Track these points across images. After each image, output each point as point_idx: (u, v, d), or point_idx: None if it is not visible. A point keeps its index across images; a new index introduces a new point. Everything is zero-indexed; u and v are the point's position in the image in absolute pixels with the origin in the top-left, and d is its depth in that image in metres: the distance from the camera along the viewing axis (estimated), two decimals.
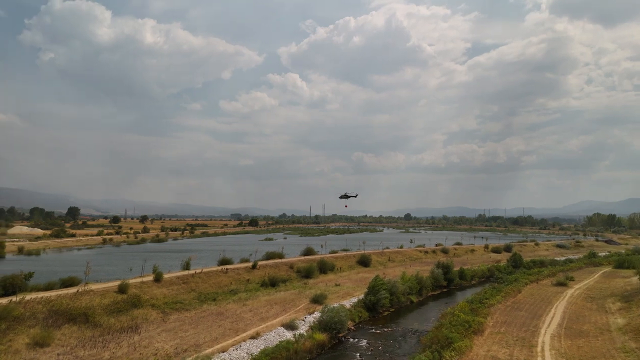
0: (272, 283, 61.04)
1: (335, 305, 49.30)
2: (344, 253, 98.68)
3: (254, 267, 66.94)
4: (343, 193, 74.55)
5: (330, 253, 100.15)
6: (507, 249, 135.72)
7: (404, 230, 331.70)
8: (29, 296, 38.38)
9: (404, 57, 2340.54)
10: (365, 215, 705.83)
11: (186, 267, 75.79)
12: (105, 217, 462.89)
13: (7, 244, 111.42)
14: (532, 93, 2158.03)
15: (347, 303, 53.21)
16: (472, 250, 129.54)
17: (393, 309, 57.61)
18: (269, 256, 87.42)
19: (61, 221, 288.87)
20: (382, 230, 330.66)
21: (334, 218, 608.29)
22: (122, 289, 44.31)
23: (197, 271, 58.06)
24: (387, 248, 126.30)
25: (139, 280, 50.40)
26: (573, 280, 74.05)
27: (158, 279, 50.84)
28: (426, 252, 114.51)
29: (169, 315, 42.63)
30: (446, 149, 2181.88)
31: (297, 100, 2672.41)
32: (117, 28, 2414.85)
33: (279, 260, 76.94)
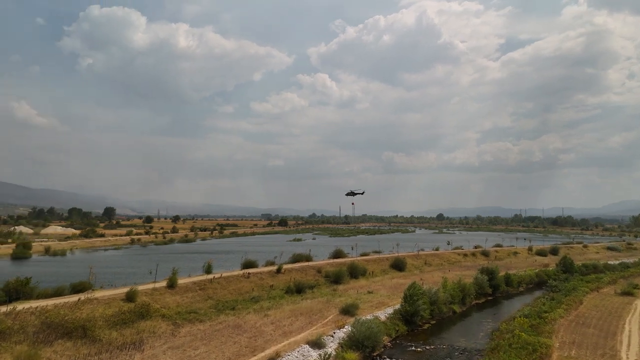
0: (298, 289, 55.48)
1: (368, 317, 43.23)
2: (376, 256, 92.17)
3: (278, 271, 61.68)
4: (350, 190, 70.51)
5: (361, 256, 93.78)
6: (553, 251, 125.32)
7: (437, 231, 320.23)
8: (22, 305, 34.32)
9: (435, 55, 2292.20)
10: (396, 216, 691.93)
11: (207, 270, 71.68)
12: (140, 217, 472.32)
13: (35, 244, 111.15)
14: (570, 89, 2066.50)
15: (382, 314, 46.99)
16: (515, 253, 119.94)
17: (434, 321, 50.87)
18: (296, 259, 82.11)
19: (96, 221, 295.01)
20: (414, 231, 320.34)
21: (364, 218, 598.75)
22: (130, 297, 39.83)
23: (216, 276, 53.27)
24: (422, 250, 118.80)
25: (151, 286, 45.94)
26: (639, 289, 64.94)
27: (172, 285, 46.23)
28: (465, 254, 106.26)
29: (180, 327, 37.71)
30: (479, 148, 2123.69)
31: (327, 100, 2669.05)
32: (151, 33, 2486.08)
33: (306, 264, 71.38)
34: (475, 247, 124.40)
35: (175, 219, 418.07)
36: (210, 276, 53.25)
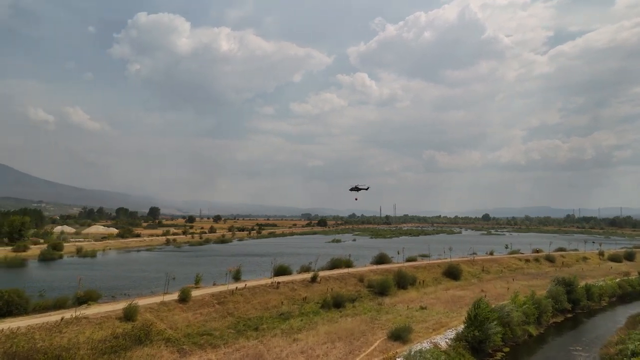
0: (336, 303, 46.62)
1: (425, 345, 33.79)
2: (425, 261, 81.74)
3: (313, 279, 53.01)
4: (354, 185, 61.48)
5: (407, 261, 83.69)
6: (629, 256, 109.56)
7: (485, 232, 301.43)
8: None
9: (478, 50, 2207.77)
10: (439, 216, 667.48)
11: (235, 276, 64.29)
12: (184, 217, 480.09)
13: (68, 244, 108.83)
14: (625, 82, 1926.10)
15: (442, 340, 37.17)
16: (585, 258, 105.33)
17: (507, 348, 40.38)
18: (334, 264, 73.18)
19: (140, 221, 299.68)
20: (460, 232, 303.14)
21: (405, 219, 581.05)
22: (128, 315, 32.44)
23: (240, 286, 45.33)
24: (475, 254, 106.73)
25: (159, 299, 38.49)
26: None
27: (184, 298, 38.61)
28: (527, 260, 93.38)
29: (188, 356, 29.83)
30: (526, 145, 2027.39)
31: (366, 100, 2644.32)
32: (195, 38, 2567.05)
33: (346, 271, 62.27)
34: (536, 251, 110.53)
35: (217, 218, 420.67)
36: (232, 286, 45.36)
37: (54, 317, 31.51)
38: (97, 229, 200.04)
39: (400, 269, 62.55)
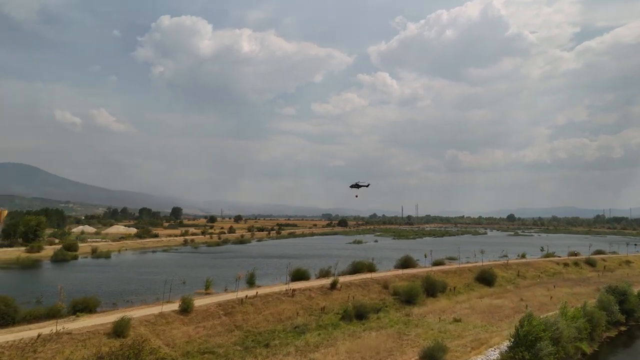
0: (359, 314, 41.47)
1: None
2: (454, 265, 75.65)
3: (333, 286, 47.94)
4: (354, 182, 61.98)
5: (434, 265, 77.78)
6: None
7: (512, 233, 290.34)
8: None
9: (502, 48, 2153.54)
10: (463, 216, 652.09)
11: (250, 281, 59.93)
12: (206, 217, 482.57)
13: (83, 245, 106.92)
14: None
15: None
16: (628, 262, 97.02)
17: None
18: (356, 268, 67.96)
19: (161, 221, 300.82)
20: (485, 233, 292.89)
21: (428, 219, 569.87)
22: (118, 330, 28.10)
23: (250, 294, 40.62)
24: (506, 257, 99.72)
25: (156, 309, 34.14)
26: None
27: (186, 308, 34.16)
28: (565, 264, 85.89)
29: None
30: (552, 144, 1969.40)
31: (387, 99, 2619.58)
32: (217, 40, 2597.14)
33: (369, 276, 56.95)
34: (574, 254, 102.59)
35: (237, 218, 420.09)
36: (242, 294, 40.70)
37: (35, 331, 27.46)
38: (118, 229, 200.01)
39: (428, 274, 56.82)
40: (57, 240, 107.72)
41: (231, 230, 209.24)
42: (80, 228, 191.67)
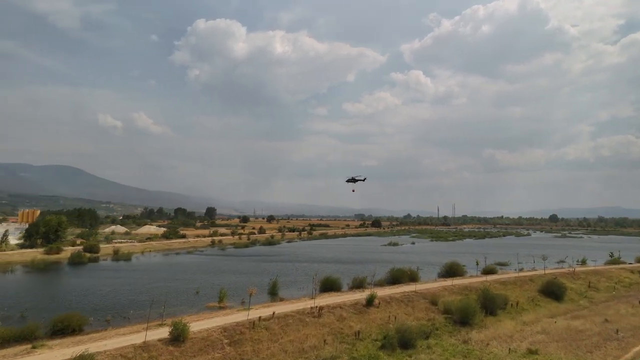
0: (404, 341, 32.46)
1: None
2: (511, 274, 64.99)
3: (370, 302, 39.11)
4: (351, 177, 59.67)
5: (485, 273, 67.58)
6: None
7: (558, 235, 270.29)
8: None
9: (541, 42, 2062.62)
10: (502, 216, 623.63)
11: (272, 290, 52.04)
12: (239, 217, 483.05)
13: (106, 246, 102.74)
14: None
15: None
16: None
17: None
18: (395, 277, 58.82)
19: (194, 221, 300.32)
20: (528, 234, 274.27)
21: (465, 219, 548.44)
22: None
23: (265, 315, 32.44)
24: (563, 262, 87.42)
25: (139, 338, 26.41)
26: None
27: (177, 337, 26.34)
28: None
29: None
30: (595, 142, 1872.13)
31: (421, 98, 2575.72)
32: (250, 42, 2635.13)
33: (412, 288, 47.64)
34: None
35: (270, 218, 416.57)
36: (255, 313, 32.61)
37: None
38: (149, 229, 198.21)
39: (485, 287, 46.89)
40: (78, 242, 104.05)
41: (261, 230, 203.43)
42: (111, 228, 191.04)
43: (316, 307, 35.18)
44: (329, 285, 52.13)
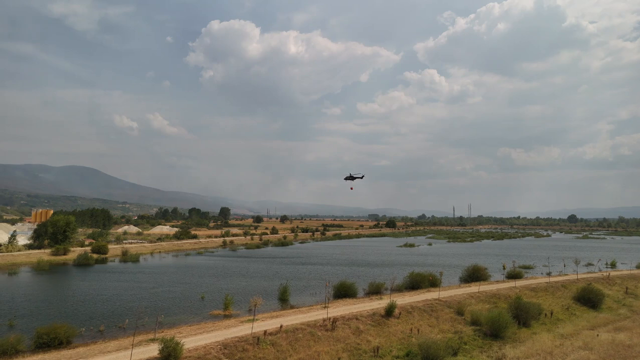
0: (429, 358, 28.47)
1: None
2: (542, 279, 60.17)
3: (389, 312, 35.17)
4: (348, 174, 59.29)
5: (510, 277, 62.99)
6: None
7: (579, 236, 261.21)
8: None
9: (558, 40, 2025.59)
10: (518, 217, 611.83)
11: (282, 297, 48.47)
12: (253, 217, 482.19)
13: (115, 247, 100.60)
14: None
15: None
16: None
17: None
18: (414, 282, 54.91)
19: (208, 221, 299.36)
20: (548, 235, 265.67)
21: (481, 220, 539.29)
22: None
23: (271, 328, 28.77)
24: (590, 265, 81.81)
25: (124, 358, 22.98)
26: None
27: (169, 356, 22.81)
28: None
29: None
30: (614, 140, 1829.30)
31: (435, 97, 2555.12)
32: (264, 42, 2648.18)
33: (435, 296, 43.48)
34: None
35: (283, 219, 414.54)
36: (261, 326, 29.02)
37: None
38: (162, 229, 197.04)
39: (518, 297, 42.45)
40: (86, 242, 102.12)
41: (274, 231, 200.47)
42: (124, 228, 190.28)
43: (329, 318, 31.39)
44: (344, 291, 48.44)
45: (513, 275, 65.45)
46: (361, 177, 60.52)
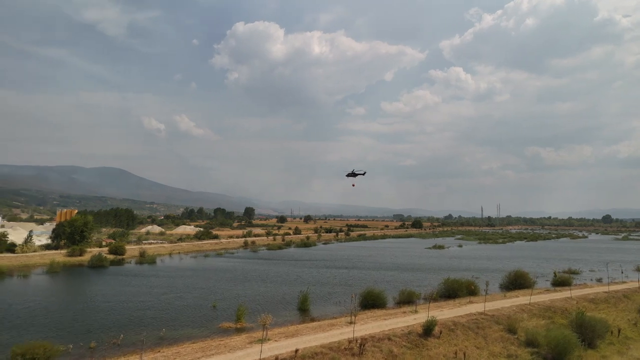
0: None
1: None
2: (598, 287, 52.86)
3: (428, 331, 29.37)
4: (350, 171, 59.12)
5: (556, 285, 56.07)
6: None
7: (618, 237, 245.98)
8: None
9: (590, 35, 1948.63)
10: (549, 217, 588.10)
11: (302, 306, 43.24)
12: (277, 217, 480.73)
13: (133, 247, 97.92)
14: None
15: None
16: None
17: None
18: (451, 289, 49.02)
19: (232, 221, 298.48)
20: (585, 236, 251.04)
21: (510, 220, 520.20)
22: None
23: (284, 353, 23.54)
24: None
25: None
26: None
27: None
28: None
29: None
30: None
31: (462, 95, 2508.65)
32: (288, 43, 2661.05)
33: (478, 309, 37.32)
34: None
35: (307, 218, 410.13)
36: (271, 350, 23.82)
37: None
38: (185, 229, 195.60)
39: (580, 311, 35.74)
40: (104, 242, 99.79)
41: (297, 231, 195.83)
42: (147, 228, 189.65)
43: (356, 339, 25.94)
44: (372, 301, 42.93)
45: (561, 283, 58.51)
46: (363, 174, 60.02)
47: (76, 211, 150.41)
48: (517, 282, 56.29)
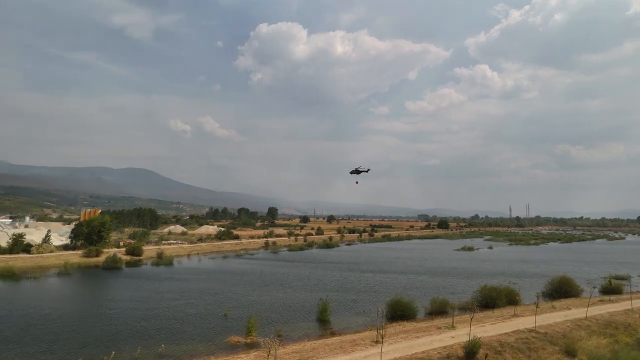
0: None
1: None
2: None
3: (470, 354, 24.69)
4: (354, 168, 57.51)
5: (606, 293, 50.16)
6: None
7: None
8: None
9: (622, 30, 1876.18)
10: (581, 217, 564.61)
11: (321, 317, 38.88)
12: (300, 217, 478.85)
13: (151, 248, 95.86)
14: None
15: None
16: None
17: None
18: (488, 298, 44.01)
19: (255, 221, 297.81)
20: (622, 238, 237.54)
21: (539, 221, 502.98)
22: None
23: None
24: None
25: None
26: None
27: None
28: None
29: None
30: None
31: (488, 93, 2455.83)
32: (311, 43, 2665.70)
33: (528, 324, 32.13)
34: None
35: (330, 218, 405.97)
36: None
37: None
38: (207, 229, 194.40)
39: None
40: (122, 243, 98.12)
41: (319, 231, 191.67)
42: (169, 228, 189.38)
43: None
44: (400, 311, 38.23)
45: (610, 291, 52.36)
46: (367, 171, 57.97)
47: (99, 211, 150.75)
48: (562, 290, 50.65)
